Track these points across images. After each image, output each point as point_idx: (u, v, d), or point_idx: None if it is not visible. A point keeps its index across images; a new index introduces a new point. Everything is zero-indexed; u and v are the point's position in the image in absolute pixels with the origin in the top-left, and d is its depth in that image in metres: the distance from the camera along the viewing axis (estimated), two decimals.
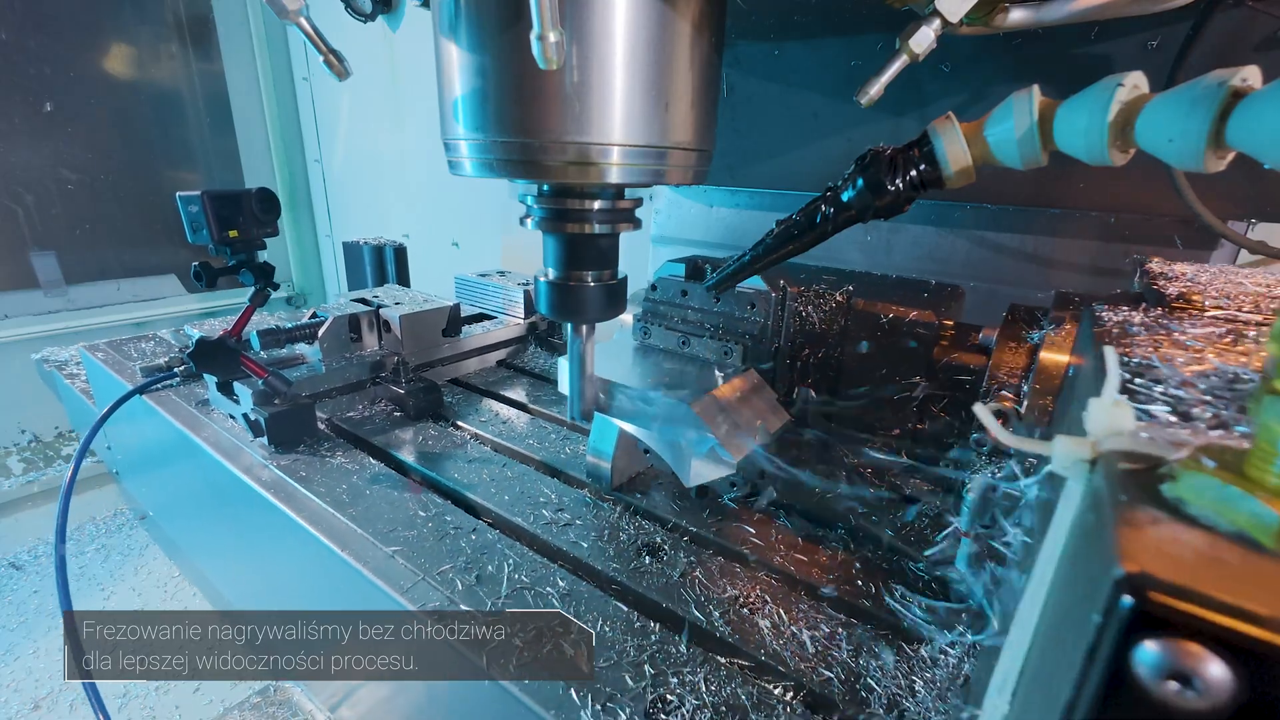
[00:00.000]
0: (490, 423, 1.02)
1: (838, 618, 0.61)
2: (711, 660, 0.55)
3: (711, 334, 0.73)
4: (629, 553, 0.69)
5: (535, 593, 0.62)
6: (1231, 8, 0.65)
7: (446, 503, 0.77)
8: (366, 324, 1.11)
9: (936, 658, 0.55)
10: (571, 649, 0.54)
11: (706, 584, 0.64)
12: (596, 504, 0.78)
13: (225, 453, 0.89)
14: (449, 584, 0.63)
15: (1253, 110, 0.31)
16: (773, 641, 0.57)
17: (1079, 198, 0.83)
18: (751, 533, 0.72)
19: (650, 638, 0.57)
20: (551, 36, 0.39)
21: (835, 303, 0.67)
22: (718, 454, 0.63)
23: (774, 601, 0.62)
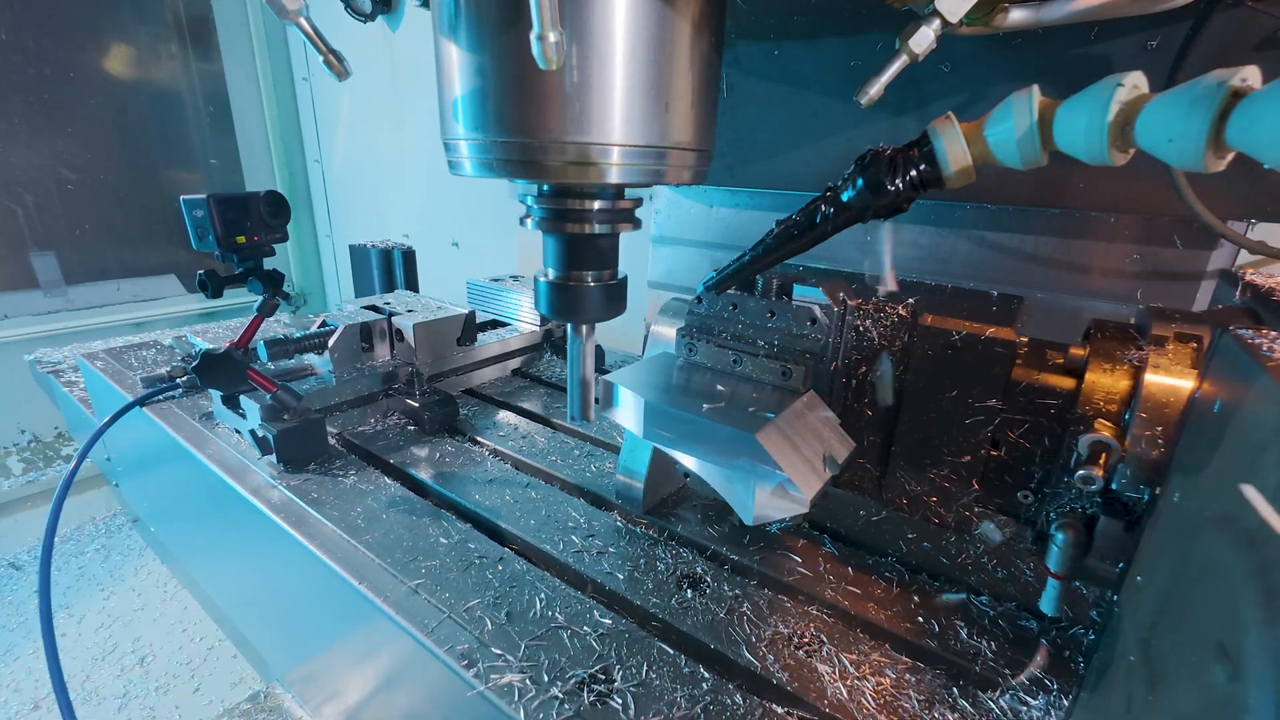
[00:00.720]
0: (509, 437, 0.99)
1: (900, 660, 0.57)
2: (770, 712, 0.51)
3: (767, 353, 0.65)
4: (669, 585, 0.65)
5: (572, 632, 0.58)
6: (1231, 8, 0.65)
7: (469, 528, 0.74)
8: (378, 333, 1.07)
9: (1018, 709, 0.52)
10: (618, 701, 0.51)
11: (756, 621, 0.60)
12: (629, 529, 0.75)
13: (231, 471, 0.85)
14: (477, 622, 0.58)
15: (1252, 110, 0.31)
16: (834, 689, 0.53)
17: (1078, 197, 0.83)
18: (798, 561, 0.68)
19: (701, 686, 0.53)
20: (551, 36, 0.39)
21: (898, 317, 0.60)
22: (788, 491, 0.57)
23: (830, 641, 0.58)
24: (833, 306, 0.63)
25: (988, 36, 0.63)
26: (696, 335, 0.69)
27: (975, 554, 0.71)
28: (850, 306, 0.62)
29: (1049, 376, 0.56)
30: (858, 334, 0.63)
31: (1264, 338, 0.40)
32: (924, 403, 0.61)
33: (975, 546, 0.72)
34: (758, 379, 0.65)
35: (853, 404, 0.65)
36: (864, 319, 0.62)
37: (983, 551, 0.71)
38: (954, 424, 0.59)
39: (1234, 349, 0.41)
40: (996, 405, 0.57)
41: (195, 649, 1.63)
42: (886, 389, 0.61)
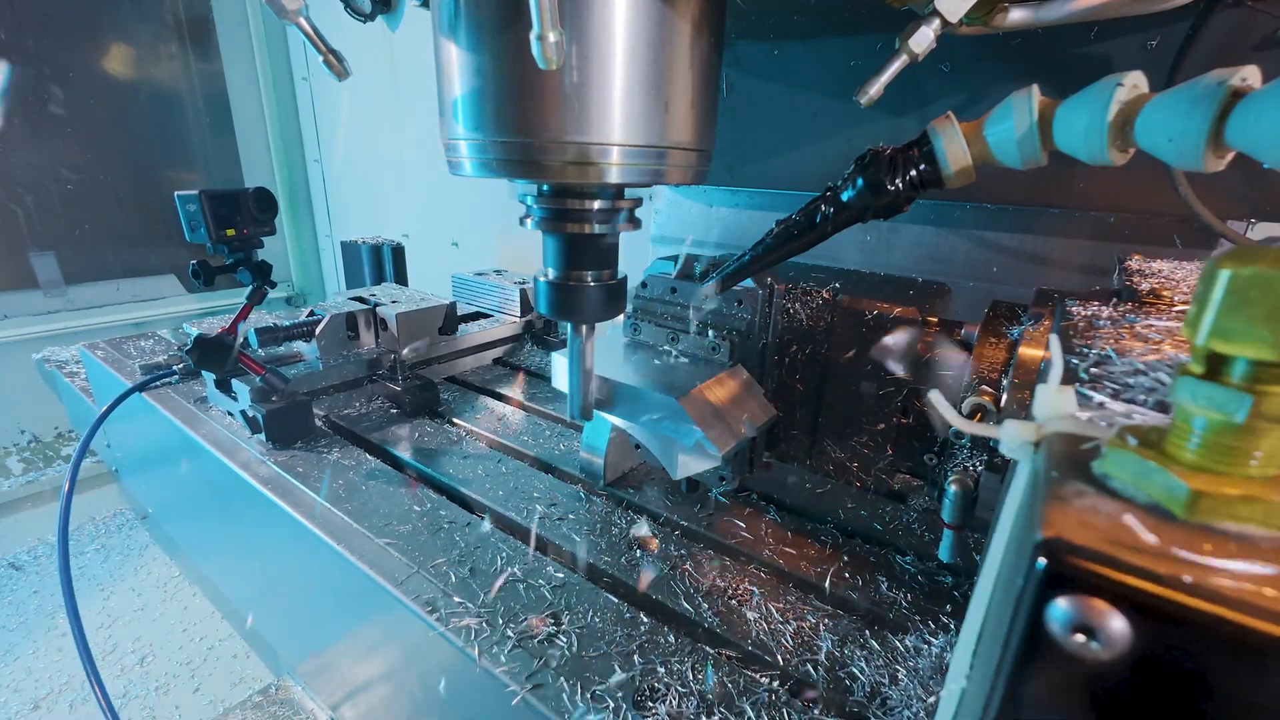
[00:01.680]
0: (486, 420, 1.03)
1: (824, 609, 0.62)
2: (699, 650, 0.56)
3: (699, 331, 0.74)
4: (620, 546, 0.70)
5: (528, 585, 0.63)
6: (1231, 7, 0.65)
7: (441, 498, 0.78)
8: (364, 322, 1.12)
9: (920, 647, 0.56)
10: (564, 640, 0.56)
11: (696, 577, 0.66)
12: (589, 499, 0.80)
13: (223, 449, 0.90)
14: (442, 577, 0.63)
15: (1252, 110, 0.31)
16: (760, 633, 0.58)
17: (1078, 197, 0.83)
18: (742, 527, 0.73)
19: (640, 628, 0.58)
20: (551, 36, 0.39)
21: (822, 299, 0.68)
22: (704, 447, 0.65)
23: (762, 594, 0.63)
24: (757, 289, 0.70)
25: (988, 36, 0.63)
26: (640, 316, 0.78)
27: (906, 521, 0.76)
28: (777, 290, 0.70)
29: (946, 350, 0.64)
30: (788, 315, 0.70)
31: (1084, 308, 0.48)
32: (845, 377, 0.69)
33: (910, 514, 0.77)
34: (691, 354, 0.75)
35: (786, 380, 0.73)
36: (793, 301, 0.70)
37: (915, 520, 0.76)
38: (870, 396, 0.67)
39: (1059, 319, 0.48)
40: (905, 377, 0.65)
41: (195, 649, 1.63)
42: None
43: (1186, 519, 0.22)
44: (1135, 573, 0.20)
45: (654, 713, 0.49)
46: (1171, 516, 0.22)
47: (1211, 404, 0.22)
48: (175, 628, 1.71)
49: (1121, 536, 0.21)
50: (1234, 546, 0.21)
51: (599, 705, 0.49)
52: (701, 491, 0.80)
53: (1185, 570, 0.20)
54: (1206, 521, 0.22)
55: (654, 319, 0.77)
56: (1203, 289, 0.22)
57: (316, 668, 0.92)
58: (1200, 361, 0.23)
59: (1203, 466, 0.23)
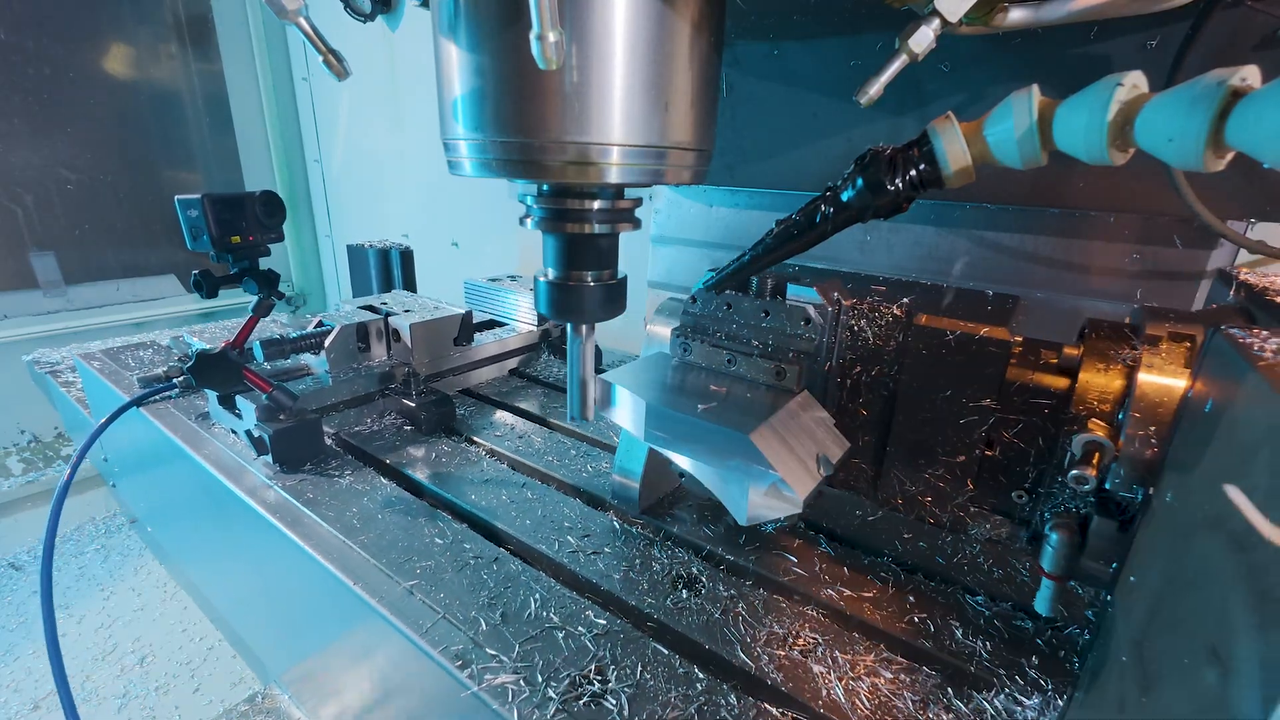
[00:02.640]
0: (506, 437, 0.99)
1: (896, 661, 0.57)
2: (764, 713, 0.51)
3: (761, 352, 0.65)
4: (664, 585, 0.65)
5: (566, 633, 0.58)
6: (1230, 7, 0.65)
7: (464, 527, 0.74)
8: (375, 333, 1.07)
9: (1012, 709, 0.52)
10: (613, 702, 0.51)
11: (751, 621, 0.60)
12: (625, 529, 0.75)
13: (227, 472, 0.85)
14: (471, 623, 0.58)
15: (1252, 110, 0.31)
16: (829, 690, 0.53)
17: (1078, 197, 0.83)
18: (793, 561, 0.68)
19: (695, 686, 0.53)
20: (551, 36, 0.39)
21: (893, 316, 0.60)
22: (781, 492, 0.57)
23: (825, 642, 0.58)
24: (827, 306, 0.62)
25: (987, 36, 0.63)
26: (691, 335, 0.70)
27: (971, 554, 0.71)
28: (845, 306, 0.62)
29: (1043, 376, 0.55)
30: (852, 334, 0.63)
31: (1255, 337, 0.40)
32: (918, 402, 0.61)
33: (972, 546, 0.72)
34: (752, 379, 0.65)
35: (847, 404, 0.65)
36: (859, 319, 0.62)
37: (979, 552, 0.71)
38: (948, 423, 0.59)
39: (1225, 348, 0.40)
40: (991, 405, 0.57)
41: (195, 649, 1.63)
42: None
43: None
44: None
45: None
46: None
47: None
48: (175, 628, 1.71)
49: None
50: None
51: None
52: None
53: None
54: None
55: (707, 338, 0.68)
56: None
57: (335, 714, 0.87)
58: None
59: None
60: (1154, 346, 0.49)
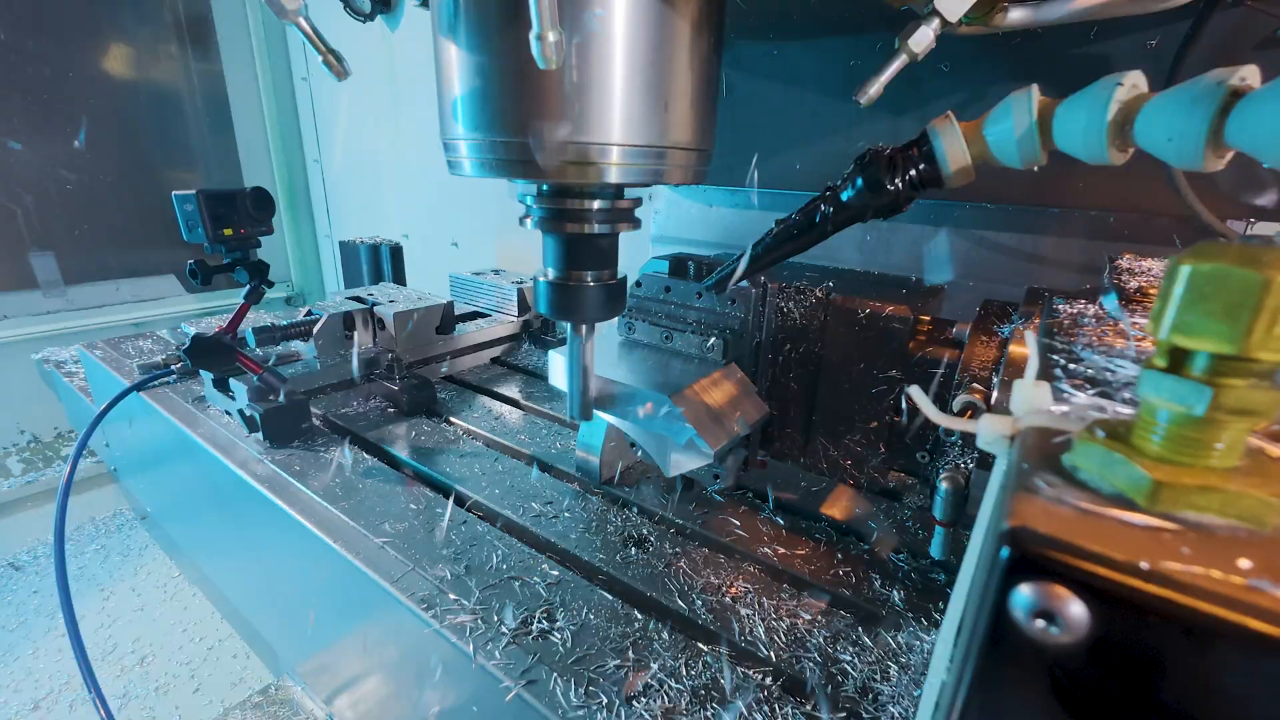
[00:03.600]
0: (483, 419, 1.03)
1: (817, 605, 0.62)
2: (693, 647, 0.56)
3: (694, 329, 0.74)
4: (615, 544, 0.71)
5: (523, 582, 0.63)
6: (1230, 7, 0.65)
7: (438, 496, 0.78)
8: (361, 321, 1.13)
9: (913, 644, 0.56)
10: (558, 636, 0.56)
11: (691, 574, 0.66)
12: (585, 497, 0.80)
13: (221, 448, 0.90)
14: (438, 574, 0.64)
15: (1252, 109, 0.31)
16: (753, 630, 0.58)
17: (1078, 197, 0.83)
18: (737, 525, 0.74)
19: (634, 625, 0.58)
20: (550, 36, 0.39)
21: (815, 298, 0.68)
22: (696, 444, 0.65)
23: (756, 591, 0.64)
24: (751, 288, 0.70)
25: (987, 36, 0.63)
26: (635, 315, 0.78)
27: (901, 519, 0.76)
28: (771, 289, 0.70)
29: (939, 349, 0.64)
30: (782, 314, 0.70)
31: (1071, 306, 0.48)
32: (838, 376, 0.69)
33: (903, 511, 0.77)
34: (685, 352, 0.75)
35: (780, 378, 0.73)
36: (786, 300, 0.69)
37: (909, 517, 0.76)
38: (863, 394, 0.68)
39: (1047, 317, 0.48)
40: (897, 375, 0.65)
41: (195, 649, 1.63)
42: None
43: (1148, 508, 0.23)
44: (1093, 559, 0.20)
45: (646, 708, 0.49)
46: (1135, 506, 0.23)
47: (1173, 397, 0.23)
48: (175, 628, 1.71)
49: (1083, 526, 0.22)
50: (1191, 534, 0.22)
51: (593, 700, 0.50)
52: (697, 490, 0.80)
53: (1143, 556, 0.20)
54: (1168, 510, 0.23)
55: (649, 317, 0.78)
56: (1165, 285, 0.22)
57: (316, 667, 0.93)
58: (1163, 355, 0.24)
59: (1166, 458, 0.24)
60: (1028, 321, 0.56)
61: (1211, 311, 0.21)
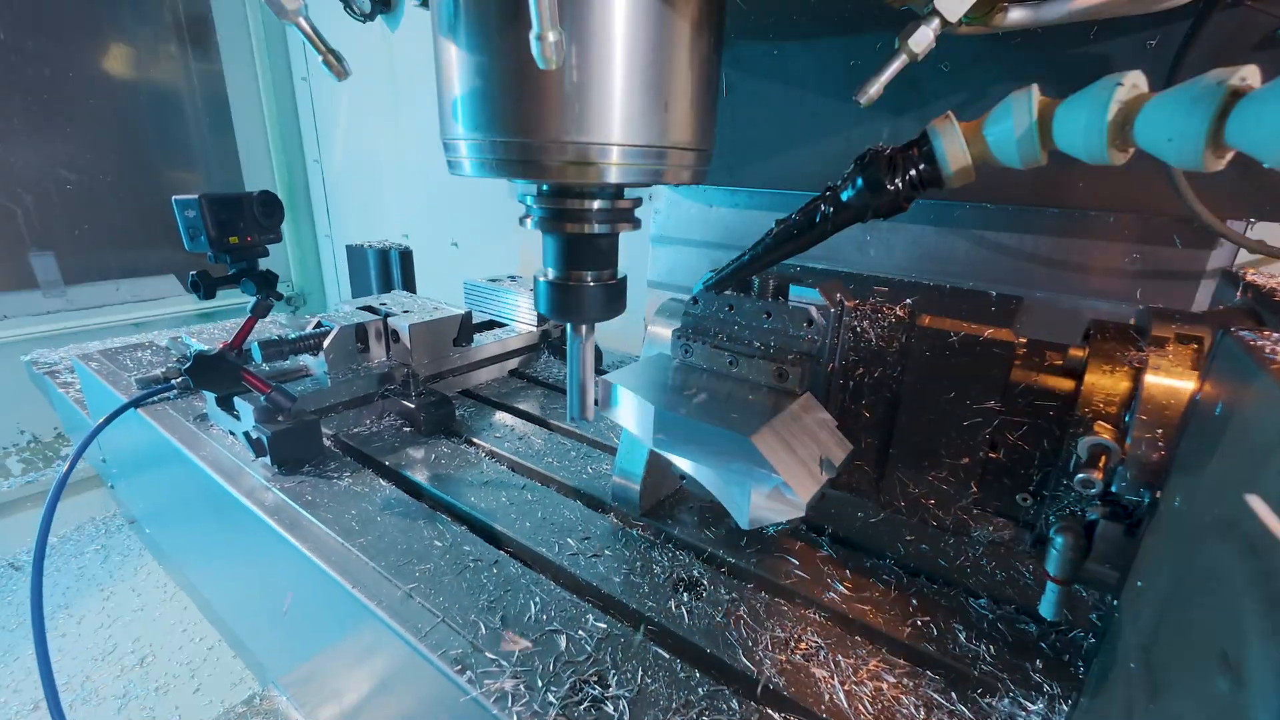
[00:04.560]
0: (506, 439, 0.98)
1: (899, 664, 0.57)
2: (767, 718, 0.50)
3: (762, 354, 0.64)
4: (665, 588, 0.65)
5: (567, 637, 0.58)
6: (1230, 7, 0.65)
7: (463, 529, 0.74)
8: (374, 334, 1.06)
9: (1015, 715, 0.52)
10: (612, 708, 0.50)
11: (753, 625, 0.60)
12: (625, 531, 0.74)
13: (225, 474, 0.85)
14: (471, 627, 0.58)
15: (1252, 109, 0.31)
16: (831, 695, 0.52)
17: (1078, 197, 0.83)
18: (795, 564, 0.68)
19: (697, 691, 0.52)
20: (550, 36, 0.39)
21: (895, 317, 0.60)
22: (783, 494, 0.57)
23: (827, 645, 0.58)
24: (829, 307, 0.62)
25: (987, 36, 0.63)
26: (692, 336, 0.69)
27: (974, 556, 0.70)
28: (847, 308, 0.62)
29: (1048, 378, 0.55)
30: (855, 335, 0.62)
31: (1266, 339, 0.39)
32: (922, 404, 0.60)
33: (975, 549, 0.71)
34: (754, 380, 0.65)
35: (850, 405, 0.65)
36: (861, 320, 0.61)
37: (981, 554, 0.71)
38: (952, 426, 0.59)
39: (1235, 350, 0.40)
40: (995, 407, 0.56)
41: (195, 649, 1.63)
42: None
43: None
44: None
45: None
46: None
47: None
48: (175, 628, 1.71)
49: None
50: None
51: None
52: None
53: None
54: None
55: (709, 339, 0.68)
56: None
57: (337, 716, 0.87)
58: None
59: None
60: (1160, 348, 0.48)
61: None
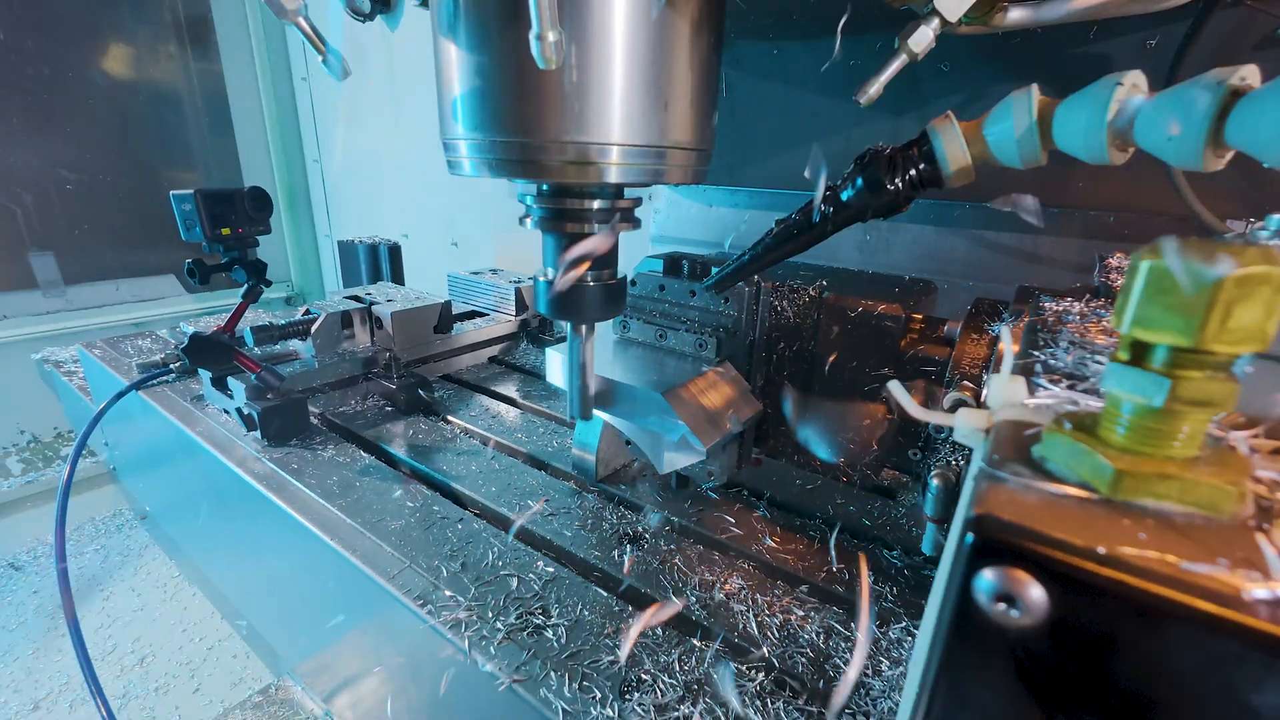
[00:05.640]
0: (480, 417, 1.04)
1: (811, 602, 0.62)
2: (686, 642, 0.56)
3: (688, 328, 0.74)
4: (611, 541, 0.71)
5: (519, 579, 0.64)
6: (1230, 7, 0.65)
7: (434, 494, 0.79)
8: (359, 320, 1.13)
9: (904, 639, 0.57)
10: (552, 633, 0.56)
11: (685, 571, 0.66)
12: (581, 495, 0.80)
13: (219, 446, 0.90)
14: (434, 571, 0.64)
15: (1252, 109, 0.31)
16: (746, 625, 0.58)
17: (1078, 196, 0.83)
18: (731, 522, 0.74)
19: (628, 622, 0.58)
20: (550, 36, 0.39)
21: (809, 297, 0.68)
22: (688, 441, 0.65)
23: (750, 587, 0.64)
24: (745, 286, 0.69)
25: (987, 36, 0.63)
26: (630, 314, 0.79)
27: (894, 517, 0.76)
28: (764, 287, 0.70)
29: (931, 347, 0.64)
30: (775, 313, 0.70)
31: (1057, 304, 0.48)
32: (832, 373, 0.69)
33: (897, 509, 0.78)
34: (680, 351, 0.75)
35: (774, 375, 0.73)
36: (780, 299, 0.70)
37: (902, 515, 0.77)
38: (856, 391, 0.68)
39: (1043, 315, 0.48)
40: (889, 373, 0.66)
41: (195, 649, 1.63)
42: None
43: (1110, 496, 0.24)
44: (1051, 544, 0.21)
45: (639, 703, 0.49)
46: (1098, 495, 0.24)
47: (1134, 389, 0.24)
48: (175, 628, 1.71)
49: (1046, 514, 0.23)
50: (1150, 521, 0.22)
51: (586, 695, 0.50)
52: (692, 488, 0.81)
53: (1100, 542, 0.21)
54: (1129, 499, 0.24)
55: (643, 316, 0.78)
56: (1128, 280, 0.23)
57: (315, 667, 0.93)
58: (1126, 349, 0.24)
59: (1129, 448, 0.24)
60: (1017, 319, 0.55)
61: (1169, 306, 0.22)
